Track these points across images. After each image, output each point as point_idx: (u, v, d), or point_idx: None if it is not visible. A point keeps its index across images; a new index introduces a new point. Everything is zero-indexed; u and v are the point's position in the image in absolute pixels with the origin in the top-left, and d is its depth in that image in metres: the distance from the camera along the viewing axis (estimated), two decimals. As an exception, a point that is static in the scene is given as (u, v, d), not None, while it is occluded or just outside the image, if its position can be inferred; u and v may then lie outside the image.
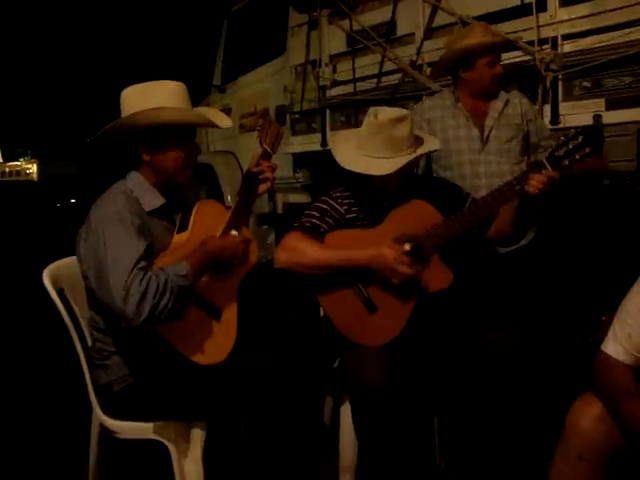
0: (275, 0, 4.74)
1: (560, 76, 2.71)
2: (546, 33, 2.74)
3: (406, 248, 1.96)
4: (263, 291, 3.51)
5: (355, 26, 3.79)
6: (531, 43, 2.77)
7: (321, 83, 4.09)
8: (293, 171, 4.70)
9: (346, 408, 2.04)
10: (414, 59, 3.36)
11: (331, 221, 2.05)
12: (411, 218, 2.02)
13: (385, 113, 1.97)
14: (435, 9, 3.26)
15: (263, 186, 1.98)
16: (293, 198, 4.93)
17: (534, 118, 2.58)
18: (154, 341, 1.73)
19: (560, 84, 2.72)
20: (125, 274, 1.62)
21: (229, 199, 5.04)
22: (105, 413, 1.89)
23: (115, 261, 1.65)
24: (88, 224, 1.77)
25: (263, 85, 5.08)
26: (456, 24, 3.09)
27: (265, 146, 1.97)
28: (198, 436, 1.86)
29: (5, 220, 11.34)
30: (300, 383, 2.20)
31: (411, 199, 2.04)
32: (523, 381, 1.99)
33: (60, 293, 1.95)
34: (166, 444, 1.83)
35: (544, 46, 2.74)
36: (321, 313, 2.16)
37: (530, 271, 2.63)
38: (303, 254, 1.99)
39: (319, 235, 2.03)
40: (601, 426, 1.53)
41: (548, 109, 2.76)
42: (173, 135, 1.82)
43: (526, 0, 2.81)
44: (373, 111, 1.99)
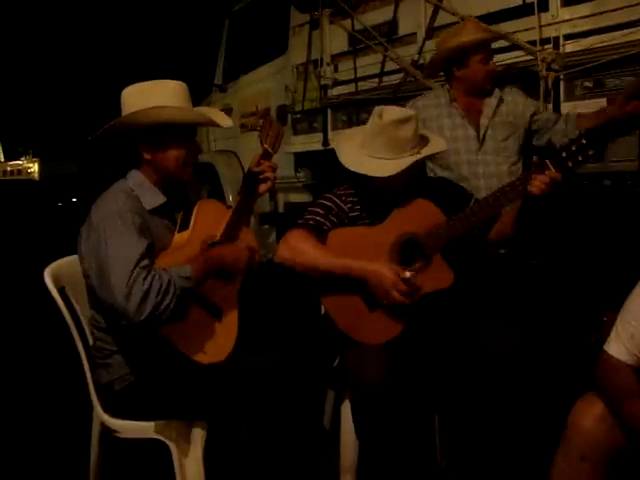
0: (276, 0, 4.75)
1: (562, 76, 2.70)
2: (548, 33, 2.74)
3: (407, 275, 1.93)
4: (264, 290, 3.50)
5: (357, 26, 3.78)
6: (533, 43, 2.76)
7: (322, 83, 4.08)
8: (294, 170, 4.71)
9: (347, 407, 2.04)
10: (416, 59, 3.36)
11: (335, 219, 2.05)
12: (414, 217, 2.02)
13: (390, 114, 1.97)
14: (437, 9, 3.26)
15: (264, 186, 1.98)
16: (294, 197, 4.93)
17: (537, 111, 2.56)
18: (155, 340, 1.73)
19: (562, 84, 2.71)
20: (126, 272, 1.62)
21: (230, 198, 5.04)
22: (106, 412, 1.89)
23: (116, 260, 1.65)
24: (89, 223, 1.77)
25: (264, 84, 5.07)
26: (458, 24, 3.09)
27: (266, 146, 1.97)
28: (199, 435, 1.86)
29: (6, 219, 11.35)
30: (301, 383, 2.19)
31: (414, 198, 2.04)
32: (524, 381, 1.99)
33: (61, 292, 1.95)
34: (167, 443, 1.83)
35: (546, 46, 2.73)
36: (322, 311, 2.16)
37: (531, 271, 2.63)
38: (304, 255, 1.99)
39: (322, 233, 2.03)
40: (603, 426, 1.53)
41: (550, 109, 2.76)
42: (174, 134, 1.82)
43: (528, 0, 2.81)
44: (378, 110, 1.99)
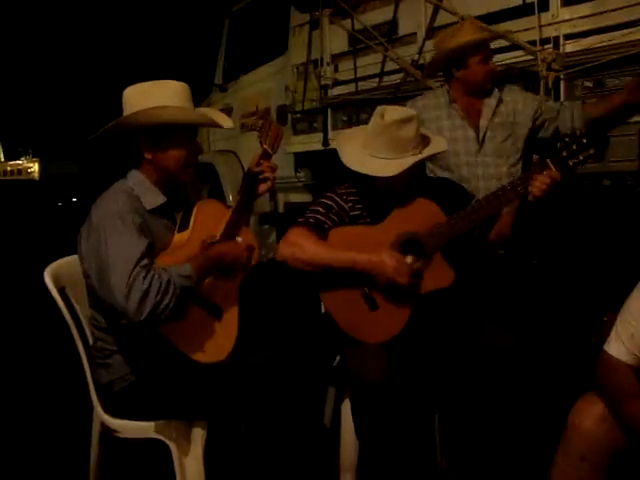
0: (276, -1, 4.75)
1: (562, 76, 2.70)
2: (548, 33, 2.74)
3: (408, 260, 1.95)
4: (264, 290, 3.50)
5: (357, 25, 3.78)
6: (533, 43, 2.76)
7: (323, 82, 4.08)
8: (294, 170, 4.71)
9: (347, 406, 2.04)
10: (416, 58, 3.36)
11: (335, 218, 2.05)
12: (415, 216, 2.02)
13: (392, 114, 1.97)
14: (437, 9, 3.26)
15: (264, 186, 1.98)
16: (294, 197, 4.93)
17: (539, 107, 2.55)
18: (155, 340, 1.73)
19: (562, 84, 2.71)
20: (126, 272, 1.62)
21: (230, 198, 5.04)
22: (106, 412, 1.89)
23: (116, 259, 1.65)
24: (89, 223, 1.77)
25: (264, 84, 5.07)
26: (456, 24, 3.09)
27: (265, 147, 1.98)
28: (199, 435, 1.86)
29: (6, 219, 11.35)
30: (301, 382, 2.19)
31: (415, 197, 2.04)
32: (524, 380, 1.99)
33: (61, 292, 1.95)
34: (167, 443, 1.83)
35: (546, 46, 2.73)
36: (322, 311, 2.16)
37: (532, 271, 2.63)
38: (305, 251, 1.99)
39: (323, 232, 2.03)
40: (603, 426, 1.53)
41: (551, 102, 2.75)
42: (175, 134, 1.83)
43: (528, 0, 2.81)
44: (380, 110, 1.99)
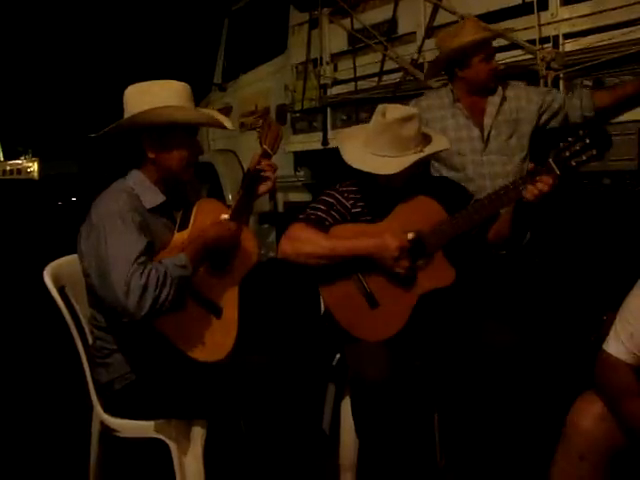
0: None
1: (561, 75, 2.69)
2: (547, 32, 2.73)
3: (409, 237, 1.96)
4: (264, 289, 3.50)
5: (356, 25, 3.77)
6: (532, 42, 2.76)
7: (322, 82, 4.07)
8: (294, 170, 4.70)
9: (347, 405, 2.04)
10: (415, 58, 3.36)
11: (336, 215, 2.06)
12: (416, 214, 2.02)
13: (393, 112, 1.97)
14: (436, 8, 3.25)
15: (264, 186, 1.98)
16: (294, 197, 4.92)
17: (543, 102, 2.54)
18: (155, 339, 1.73)
19: (561, 83, 2.70)
20: (126, 270, 1.63)
21: (230, 198, 5.04)
22: (106, 411, 1.89)
23: (116, 258, 1.65)
24: (89, 222, 1.77)
25: (264, 84, 5.07)
26: (457, 23, 3.09)
27: (265, 147, 1.98)
28: (199, 434, 1.86)
29: (6, 218, 11.35)
30: (301, 381, 2.20)
31: (417, 195, 2.05)
32: (525, 380, 1.99)
33: (61, 291, 1.95)
34: (167, 442, 1.83)
35: (545, 45, 2.72)
36: (322, 309, 2.16)
37: (532, 270, 2.63)
38: (306, 243, 1.99)
39: (324, 228, 2.03)
40: (602, 425, 1.53)
41: (554, 92, 2.74)
42: (178, 134, 1.83)
43: (527, -1, 2.81)
44: (382, 109, 1.99)
